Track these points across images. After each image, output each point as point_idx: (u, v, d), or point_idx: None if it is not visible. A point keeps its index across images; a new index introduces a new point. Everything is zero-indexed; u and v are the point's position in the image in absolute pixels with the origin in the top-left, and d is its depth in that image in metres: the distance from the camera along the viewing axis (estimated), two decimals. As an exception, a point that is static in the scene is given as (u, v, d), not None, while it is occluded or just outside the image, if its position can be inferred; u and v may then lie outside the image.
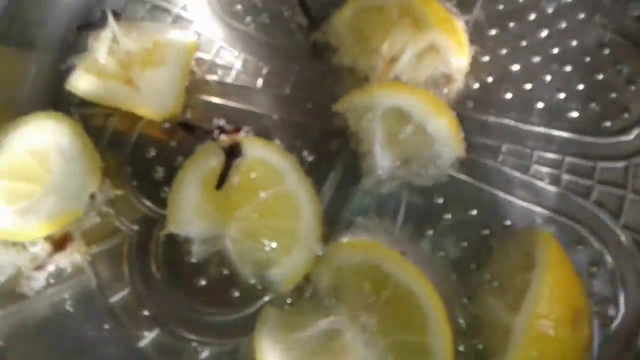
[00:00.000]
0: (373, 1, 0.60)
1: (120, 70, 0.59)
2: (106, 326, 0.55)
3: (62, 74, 0.61)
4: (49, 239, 0.56)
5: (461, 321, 0.52)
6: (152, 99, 0.59)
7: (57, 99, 0.62)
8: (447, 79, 0.62)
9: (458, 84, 0.62)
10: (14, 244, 0.56)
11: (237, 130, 0.57)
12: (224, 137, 0.55)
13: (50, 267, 0.55)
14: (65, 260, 0.56)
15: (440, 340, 0.48)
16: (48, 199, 0.55)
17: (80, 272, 0.56)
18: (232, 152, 0.53)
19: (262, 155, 0.55)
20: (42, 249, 0.56)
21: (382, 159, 0.57)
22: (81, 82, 0.59)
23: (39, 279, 0.55)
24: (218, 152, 0.53)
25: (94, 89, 0.59)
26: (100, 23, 0.60)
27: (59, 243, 0.56)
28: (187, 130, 0.58)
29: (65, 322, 0.55)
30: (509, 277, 0.52)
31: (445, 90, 0.62)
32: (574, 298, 0.48)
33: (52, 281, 0.56)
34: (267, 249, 0.52)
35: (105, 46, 0.59)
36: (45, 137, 0.57)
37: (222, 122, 0.60)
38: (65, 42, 0.65)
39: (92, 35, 0.60)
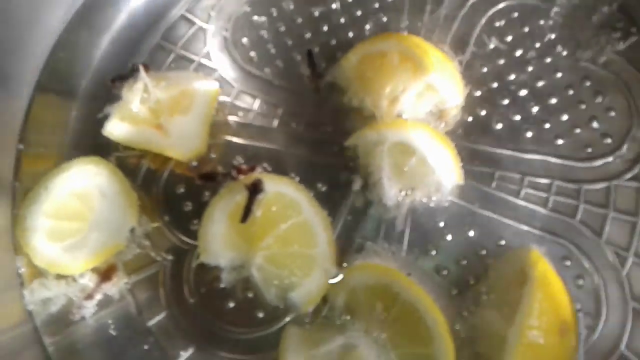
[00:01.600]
0: (376, 48, 0.66)
1: (151, 117, 0.65)
2: (145, 347, 0.61)
3: (99, 120, 0.66)
4: (95, 270, 0.62)
5: (461, 331, 0.58)
6: (180, 143, 0.65)
7: (96, 143, 0.67)
8: (444, 113, 0.68)
9: (454, 117, 0.68)
10: (65, 277, 0.62)
11: (252, 168, 0.63)
12: (242, 177, 0.62)
13: (98, 296, 0.61)
14: (111, 288, 0.62)
15: (443, 351, 0.54)
16: (92, 235, 0.61)
17: (122, 299, 0.62)
18: (255, 189, 0.59)
19: (281, 190, 0.61)
20: (90, 280, 0.62)
21: (389, 189, 0.63)
22: (116, 129, 0.65)
23: (88, 307, 0.61)
24: (242, 189, 0.59)
25: (127, 134, 0.65)
26: (131, 74, 0.65)
27: (105, 274, 0.62)
28: (209, 179, 0.65)
29: (109, 344, 0.61)
30: (504, 292, 0.58)
31: (443, 124, 0.68)
32: (561, 310, 0.54)
33: (97, 308, 0.62)
34: (288, 274, 0.58)
35: (137, 96, 0.64)
36: (86, 179, 0.63)
37: (236, 162, 0.67)
38: (101, 91, 0.70)
39: (125, 85, 0.65)
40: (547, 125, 0.68)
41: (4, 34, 0.65)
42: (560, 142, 0.67)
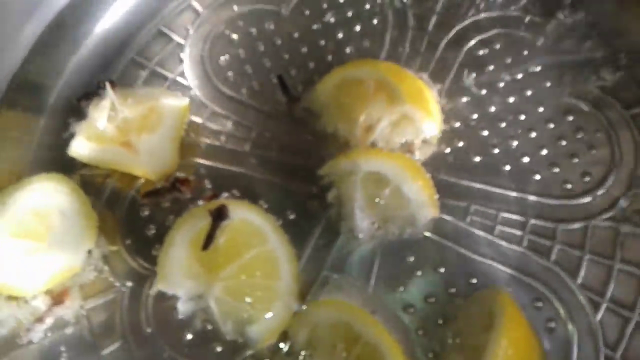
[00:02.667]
0: (353, 74, 0.65)
1: (118, 135, 0.64)
2: (97, 376, 0.59)
3: (65, 137, 0.65)
4: (49, 292, 0.60)
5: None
6: (149, 160, 0.64)
7: (62, 159, 0.65)
8: (420, 144, 0.66)
9: (431, 148, 0.66)
10: (17, 298, 0.59)
11: (214, 196, 0.64)
12: (185, 189, 0.62)
13: (49, 320, 0.59)
14: (63, 313, 0.60)
15: (404, 396, 0.52)
16: (48, 256, 0.59)
17: (76, 324, 0.60)
18: (219, 215, 0.57)
19: (247, 217, 0.59)
20: (42, 302, 0.59)
21: (361, 221, 0.61)
22: (82, 148, 0.63)
23: (38, 331, 0.59)
24: (206, 215, 0.57)
25: (94, 154, 0.63)
26: (98, 92, 0.64)
27: (58, 297, 0.60)
28: (152, 195, 0.64)
29: (59, 371, 0.59)
30: (471, 336, 0.56)
31: (419, 155, 0.66)
32: (527, 358, 0.52)
33: (49, 333, 0.59)
34: (247, 307, 0.56)
35: (104, 115, 0.63)
36: (46, 197, 0.61)
37: (178, 175, 0.66)
38: (70, 107, 0.68)
39: (92, 103, 0.64)
40: (526, 160, 0.66)
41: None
42: (538, 177, 0.65)
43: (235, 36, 0.74)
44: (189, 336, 0.59)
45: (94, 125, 0.63)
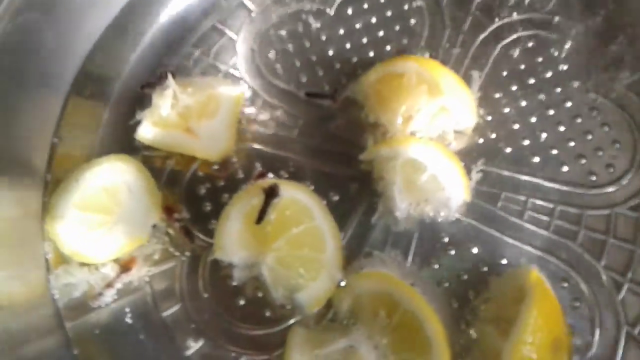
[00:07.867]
0: (394, 68, 0.70)
1: (180, 121, 0.69)
2: (159, 336, 0.65)
3: (129, 123, 0.71)
4: (117, 261, 0.66)
5: (459, 342, 0.61)
6: (209, 144, 0.70)
7: (125, 143, 0.72)
8: (456, 134, 0.71)
9: (465, 139, 0.71)
10: (88, 265, 0.65)
11: (263, 174, 0.70)
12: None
13: (118, 285, 0.65)
14: (130, 279, 0.66)
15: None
16: (117, 228, 0.65)
17: (140, 289, 0.66)
18: (271, 193, 0.62)
19: (296, 196, 0.64)
20: (111, 269, 0.65)
21: (400, 202, 0.66)
22: (148, 133, 0.69)
23: (108, 295, 0.65)
24: (259, 193, 0.63)
25: (159, 138, 0.69)
26: (160, 81, 0.69)
27: (126, 265, 0.66)
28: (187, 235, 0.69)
29: (124, 331, 0.65)
30: (502, 308, 0.61)
31: (454, 144, 0.71)
32: (555, 328, 0.57)
33: (116, 297, 0.66)
34: (296, 275, 0.61)
35: (167, 102, 0.68)
36: (115, 175, 0.67)
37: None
38: (133, 96, 0.75)
39: (155, 92, 0.69)
40: (554, 152, 0.70)
41: (48, 35, 0.69)
42: (565, 168, 0.69)
43: (283, 33, 0.79)
44: (242, 302, 0.65)
45: (158, 112, 0.69)
